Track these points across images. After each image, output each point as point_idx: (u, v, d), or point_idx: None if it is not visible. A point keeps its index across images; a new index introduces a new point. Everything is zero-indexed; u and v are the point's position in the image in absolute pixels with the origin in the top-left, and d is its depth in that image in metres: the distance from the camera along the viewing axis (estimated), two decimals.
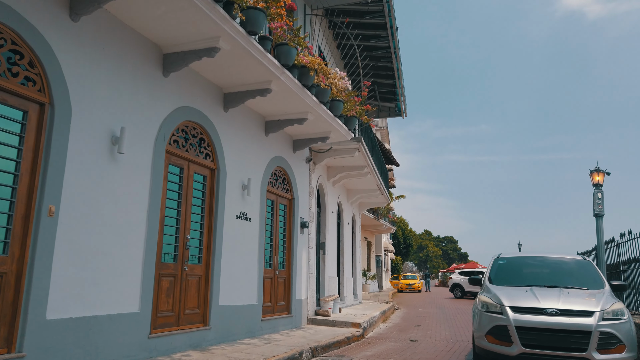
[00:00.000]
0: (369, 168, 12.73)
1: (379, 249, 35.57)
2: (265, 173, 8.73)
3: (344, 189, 15.34)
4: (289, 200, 9.85)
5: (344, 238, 15.09)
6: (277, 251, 9.19)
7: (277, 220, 9.28)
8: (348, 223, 15.82)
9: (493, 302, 5.92)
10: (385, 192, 16.68)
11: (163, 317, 6.05)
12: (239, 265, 7.71)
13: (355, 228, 17.63)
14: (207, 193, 7.15)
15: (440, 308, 18.57)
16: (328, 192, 12.77)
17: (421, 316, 15.00)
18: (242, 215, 7.89)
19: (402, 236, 57.51)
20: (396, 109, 18.78)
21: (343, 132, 9.58)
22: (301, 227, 10.15)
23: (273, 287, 8.96)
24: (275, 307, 8.98)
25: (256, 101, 7.92)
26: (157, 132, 6.03)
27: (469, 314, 15.85)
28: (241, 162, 7.96)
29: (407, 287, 36.88)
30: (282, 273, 9.37)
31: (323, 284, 12.07)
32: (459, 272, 27.15)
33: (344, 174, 12.73)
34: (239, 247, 7.75)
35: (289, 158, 9.75)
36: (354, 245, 17.21)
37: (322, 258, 12.25)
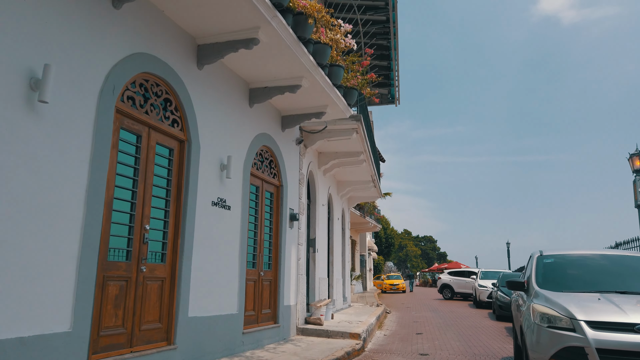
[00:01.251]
0: (366, 155, 11.23)
1: (363, 248, 34.19)
2: (249, 152, 7.12)
3: (334, 181, 13.80)
4: (276, 188, 8.26)
5: (334, 235, 13.56)
6: (262, 248, 7.60)
7: (262, 211, 7.69)
8: (338, 218, 14.30)
9: (558, 314, 4.46)
10: (378, 184, 15.22)
11: (108, 337, 4.40)
12: (216, 265, 6.10)
13: (345, 224, 16.12)
14: (175, 171, 5.51)
15: (435, 311, 17.22)
16: (319, 181, 11.21)
17: (418, 321, 13.58)
18: (220, 202, 6.28)
19: (384, 235, 56.44)
20: (389, 96, 17.35)
21: (341, 106, 8.04)
22: (290, 220, 8.57)
23: (257, 291, 7.36)
24: (259, 316, 7.38)
25: (239, 58, 6.31)
26: (102, 81, 4.38)
27: (470, 318, 14.50)
28: (220, 135, 6.35)
29: (392, 288, 35.59)
30: (268, 274, 7.78)
31: (313, 287, 10.51)
32: (448, 272, 25.92)
33: (337, 161, 11.19)
34: (216, 242, 6.13)
35: (277, 137, 8.16)
36: (343, 243, 15.70)
37: (312, 257, 10.69)
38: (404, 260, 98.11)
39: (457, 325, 12.36)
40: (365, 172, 12.92)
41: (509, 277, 15.40)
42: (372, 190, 15.47)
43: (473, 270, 24.42)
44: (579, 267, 5.66)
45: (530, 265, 6.11)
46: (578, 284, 5.26)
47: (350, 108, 8.49)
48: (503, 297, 13.90)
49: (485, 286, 18.71)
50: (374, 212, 30.14)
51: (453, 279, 25.04)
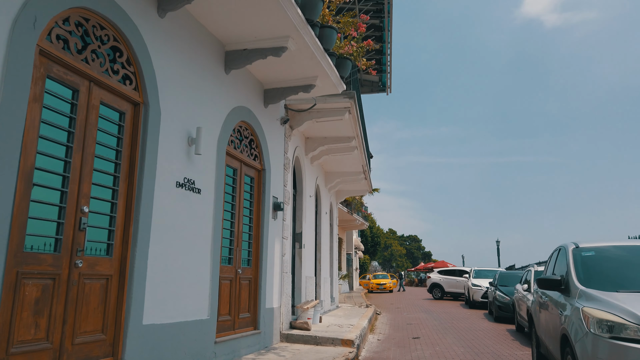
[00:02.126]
0: (358, 140, 10.16)
1: (349, 246, 33.20)
2: (224, 127, 5.99)
3: (322, 171, 12.71)
4: (257, 172, 7.14)
5: (322, 230, 12.47)
6: (240, 241, 6.47)
7: (240, 198, 6.56)
8: (326, 212, 13.21)
9: (625, 320, 3.44)
10: (369, 176, 14.18)
11: (24, 355, 3.25)
12: (181, 260, 4.96)
13: (333, 220, 15.04)
14: (127, 141, 4.36)
15: (427, 312, 16.25)
16: (306, 170, 10.12)
17: (412, 323, 12.58)
18: (188, 183, 5.14)
19: (370, 234, 55.65)
20: (380, 84, 16.33)
21: (333, 78, 6.95)
22: (274, 210, 7.46)
23: (234, 292, 6.23)
24: (236, 321, 6.25)
25: (211, 7, 5.18)
26: (18, 7, 3.22)
27: (467, 320, 13.55)
28: (187, 102, 5.21)
29: (378, 287, 34.63)
30: (247, 272, 6.66)
31: (299, 287, 9.41)
32: (438, 271, 25.02)
33: (326, 147, 10.10)
34: (182, 232, 5.00)
35: (258, 113, 7.03)
36: (331, 240, 14.62)
37: (298, 253, 9.58)
38: (389, 260, 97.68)
39: (455, 328, 11.38)
40: (356, 161, 11.86)
41: (507, 275, 14.51)
42: (362, 182, 14.42)
43: (464, 269, 23.56)
44: (627, 261, 4.65)
45: (563, 260, 5.09)
46: (632, 281, 4.25)
47: (343, 82, 7.41)
48: (502, 297, 12.97)
49: (479, 285, 17.82)
50: (361, 209, 29.16)
51: (443, 278, 24.16)
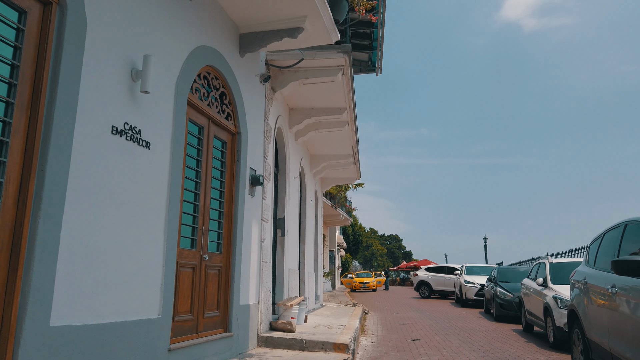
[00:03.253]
0: (350, 113, 8.83)
1: (332, 243, 31.90)
2: (186, 67, 4.57)
3: (307, 153, 11.36)
4: (231, 135, 5.73)
5: (306, 219, 11.12)
6: (207, 219, 5.06)
7: (208, 164, 5.15)
8: (311, 200, 11.86)
9: None
10: (358, 160, 12.87)
11: None
12: (119, 237, 3.54)
13: (318, 209, 13.70)
14: (30, 52, 2.93)
15: (419, 311, 15.03)
16: (290, 146, 8.74)
17: (405, 323, 11.32)
18: (131, 131, 3.72)
19: (352, 232, 54.59)
20: (369, 63, 15.04)
21: (326, 21, 5.60)
22: (251, 184, 6.07)
23: (198, 283, 4.81)
24: (200, 321, 4.84)
25: None
26: None
27: (464, 319, 12.35)
28: (132, 17, 3.78)
29: (362, 286, 33.44)
30: (216, 259, 5.25)
31: (281, 280, 8.03)
32: (426, 269, 23.86)
33: (314, 120, 8.74)
34: (121, 199, 3.58)
35: (232, 62, 5.64)
36: (316, 231, 13.27)
37: (280, 241, 8.20)
38: (369, 259, 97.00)
39: (455, 328, 10.15)
40: (345, 140, 10.53)
41: (507, 271, 13.38)
42: (350, 168, 13.10)
43: (453, 266, 22.46)
44: None
45: None
46: None
47: (337, 30, 6.06)
48: (504, 294, 11.81)
49: (472, 283, 16.69)
50: (345, 203, 27.89)
51: (431, 276, 23.02)
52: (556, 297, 7.53)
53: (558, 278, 8.24)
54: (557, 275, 8.31)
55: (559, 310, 7.33)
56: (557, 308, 7.37)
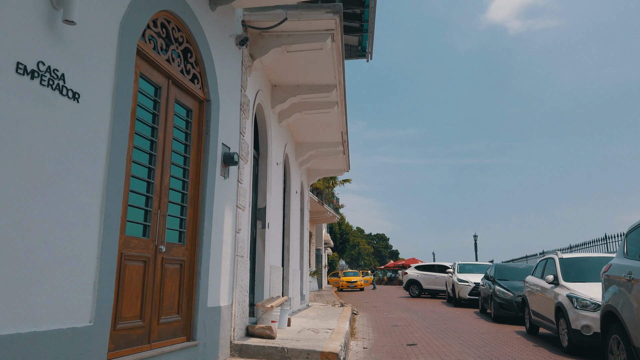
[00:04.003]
0: (340, 92, 7.91)
1: (319, 241, 30.97)
2: (134, 6, 3.58)
3: (292, 139, 10.41)
4: (199, 103, 4.76)
5: (291, 212, 10.17)
6: (165, 200, 4.08)
7: (168, 134, 4.17)
8: (296, 192, 10.92)
9: None
10: (347, 149, 11.96)
11: None
12: (29, 215, 2.56)
13: (304, 203, 12.76)
14: None
15: (410, 311, 14.17)
16: (272, 128, 7.79)
17: (398, 325, 10.44)
18: (46, 73, 2.73)
19: (339, 231, 53.82)
20: (359, 48, 14.13)
21: None
22: (224, 163, 5.10)
23: (150, 281, 3.83)
24: (154, 329, 3.86)
25: None
26: None
27: (460, 320, 11.52)
28: None
29: (349, 285, 32.56)
30: (178, 251, 4.27)
31: (261, 279, 7.07)
32: (415, 267, 23.05)
33: (299, 99, 7.80)
34: (31, 166, 2.60)
35: (199, 12, 4.66)
36: (302, 226, 12.34)
37: (260, 234, 7.25)
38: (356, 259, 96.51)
39: (452, 331, 9.29)
40: (334, 124, 9.60)
41: (506, 268, 12.59)
42: (339, 158, 12.19)
43: (444, 264, 21.69)
44: None
45: None
46: None
47: None
48: (504, 293, 11.00)
49: (465, 281, 15.91)
50: (332, 199, 26.98)
51: (421, 275, 22.22)
52: (571, 296, 6.70)
53: (571, 275, 7.42)
54: (570, 272, 7.49)
55: (575, 311, 6.50)
56: (573, 309, 6.54)
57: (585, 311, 6.39)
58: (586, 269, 7.55)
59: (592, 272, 7.38)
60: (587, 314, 6.37)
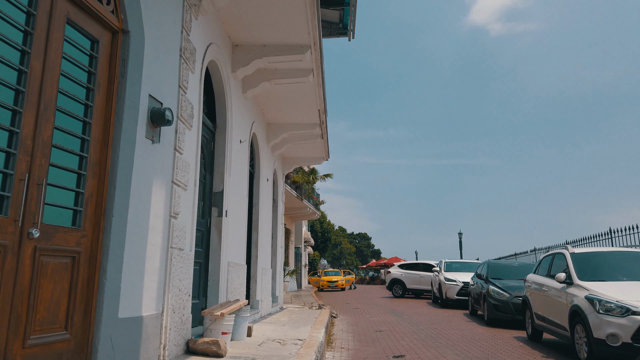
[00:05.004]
0: (315, 55, 6.63)
1: (299, 239, 29.67)
2: None
3: (262, 117, 9.10)
4: (110, 33, 3.42)
5: (261, 202, 8.87)
6: (43, 163, 2.73)
7: (52, 69, 2.83)
8: (268, 179, 9.61)
9: None
10: (326, 134, 10.69)
11: None
12: None
13: (278, 195, 11.45)
14: None
15: (394, 313, 12.97)
16: (234, 96, 6.47)
17: (382, 330, 9.22)
18: None
19: (321, 229, 52.68)
20: (340, 25, 12.87)
21: None
22: (152, 123, 3.77)
23: (8, 281, 2.49)
24: (14, 355, 2.52)
25: None
26: None
27: (450, 323, 10.35)
28: None
29: (330, 285, 31.34)
30: (68, 238, 2.93)
31: (216, 279, 5.75)
32: (399, 266, 21.90)
33: (266, 62, 6.50)
34: None
35: None
36: (275, 219, 11.04)
37: (215, 224, 5.92)
38: (338, 258, 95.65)
39: (444, 337, 8.10)
40: (310, 100, 8.32)
41: (500, 266, 11.48)
42: (317, 143, 10.91)
43: (429, 262, 20.60)
44: None
45: None
46: None
47: None
48: (499, 293, 9.87)
49: (453, 280, 14.80)
50: (312, 195, 25.70)
51: (405, 273, 21.08)
52: (592, 298, 5.54)
53: (587, 273, 6.28)
54: (585, 270, 6.35)
55: (597, 316, 5.35)
56: (595, 313, 5.39)
57: (611, 316, 5.24)
58: (604, 265, 6.43)
59: (612, 269, 6.27)
60: (613, 320, 5.22)
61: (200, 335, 4.73)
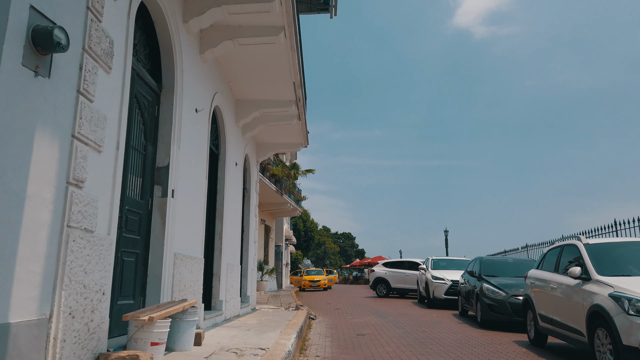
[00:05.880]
0: (287, 7, 5.53)
1: (279, 237, 28.48)
2: None
3: (228, 89, 7.98)
4: None
5: (228, 188, 7.74)
6: None
7: None
8: (237, 163, 8.48)
9: None
10: (304, 114, 9.58)
11: None
12: None
13: (251, 182, 10.32)
14: None
15: (379, 314, 11.93)
16: (184, 52, 5.33)
17: (364, 334, 8.17)
18: None
19: (304, 228, 51.61)
20: (321, 0, 11.82)
21: None
22: (33, 46, 2.63)
23: None
24: None
25: None
26: None
27: (440, 326, 9.34)
28: None
29: (312, 285, 30.24)
30: None
31: (158, 273, 4.61)
32: (383, 264, 20.88)
33: (226, 12, 5.37)
34: None
35: None
36: (247, 210, 9.92)
37: (159, 205, 4.78)
38: (322, 258, 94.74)
39: (435, 342, 7.08)
40: (283, 68, 7.21)
41: (494, 263, 10.52)
42: (294, 125, 9.80)
43: (415, 260, 19.63)
44: None
45: None
46: None
47: None
48: (494, 292, 8.89)
49: (441, 279, 13.84)
50: (294, 190, 24.56)
51: (389, 272, 20.08)
52: (619, 296, 4.55)
53: (606, 267, 5.29)
54: (604, 263, 5.37)
55: (628, 318, 4.35)
56: (624, 315, 4.39)
57: None
58: (626, 258, 5.46)
59: (636, 262, 5.30)
60: None
61: (123, 346, 3.59)
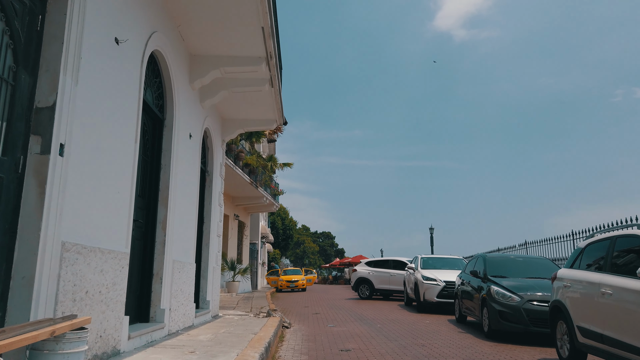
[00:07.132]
0: None
1: (254, 234, 26.65)
2: None
3: (179, 37, 6.24)
4: None
5: (176, 164, 6.00)
6: None
7: None
8: (191, 135, 6.74)
9: None
10: (279, 79, 7.85)
11: None
12: None
13: (213, 164, 8.58)
14: None
15: (364, 320, 10.31)
16: None
17: (349, 348, 6.53)
18: None
19: (282, 226, 49.86)
20: None
21: None
22: None
23: None
24: None
25: None
26: None
27: (439, 336, 7.75)
28: None
29: (289, 285, 28.52)
30: None
31: (28, 274, 2.84)
32: (366, 263, 19.28)
33: None
34: None
35: None
36: (209, 198, 8.19)
37: (34, 167, 3.02)
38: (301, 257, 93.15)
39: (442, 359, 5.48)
40: (248, 9, 5.49)
41: (501, 261, 8.99)
42: (265, 94, 8.08)
43: (401, 259, 18.10)
44: None
45: None
46: None
47: None
48: (506, 296, 7.36)
49: (433, 279, 12.32)
50: (270, 183, 22.79)
51: (373, 272, 18.49)
52: None
53: None
54: None
55: None
56: None
57: None
58: None
59: None
60: None
61: None
